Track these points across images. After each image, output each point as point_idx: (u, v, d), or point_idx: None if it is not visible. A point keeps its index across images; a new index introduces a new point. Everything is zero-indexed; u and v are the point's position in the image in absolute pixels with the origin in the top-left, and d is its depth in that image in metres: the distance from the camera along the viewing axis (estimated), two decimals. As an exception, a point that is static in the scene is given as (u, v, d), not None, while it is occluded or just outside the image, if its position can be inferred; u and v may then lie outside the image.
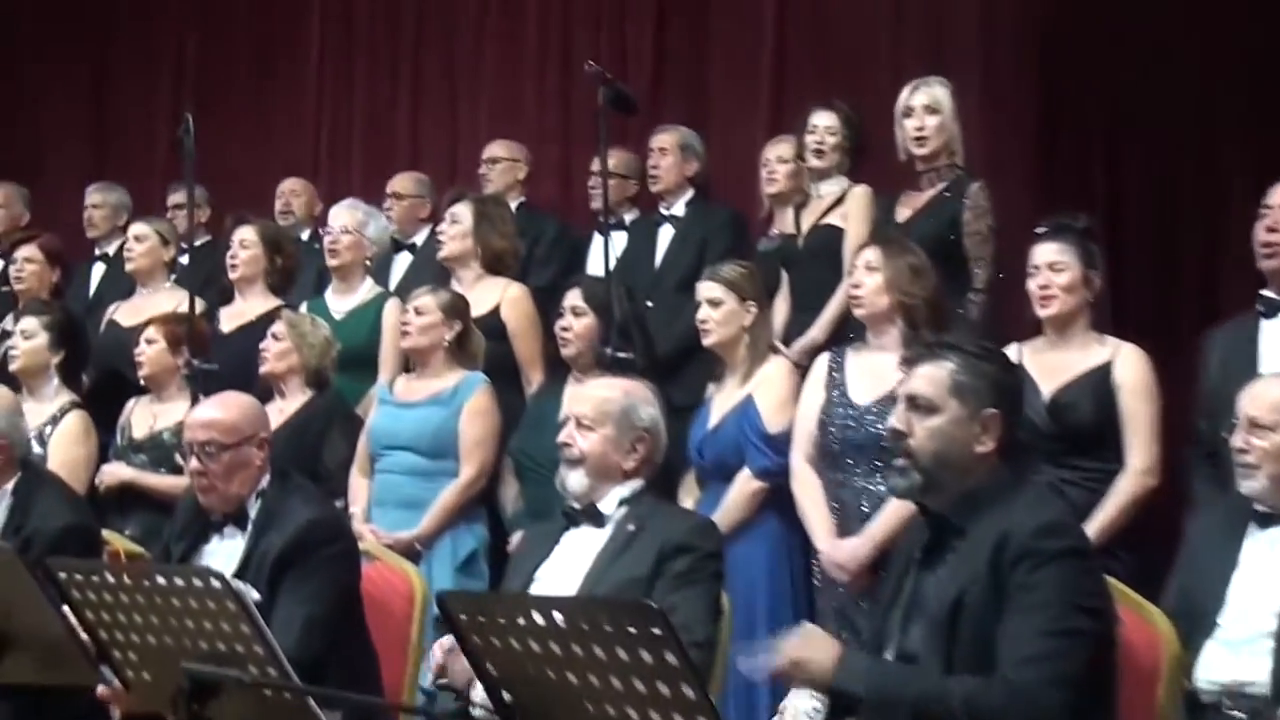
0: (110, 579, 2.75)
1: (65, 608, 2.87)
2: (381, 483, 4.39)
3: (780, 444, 4.00)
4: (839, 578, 3.79)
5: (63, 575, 2.80)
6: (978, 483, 2.64)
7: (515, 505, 4.41)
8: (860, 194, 4.74)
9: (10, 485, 3.74)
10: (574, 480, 3.17)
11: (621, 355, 4.08)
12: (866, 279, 3.93)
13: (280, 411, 4.35)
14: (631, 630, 1.98)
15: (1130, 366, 3.82)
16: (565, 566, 3.11)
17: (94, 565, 3.01)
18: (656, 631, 1.96)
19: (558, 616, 2.09)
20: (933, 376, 2.65)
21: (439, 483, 4.34)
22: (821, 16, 5.96)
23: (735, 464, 4.05)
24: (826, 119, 4.83)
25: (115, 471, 4.56)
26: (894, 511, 3.67)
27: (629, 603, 2.32)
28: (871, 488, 3.82)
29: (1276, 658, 2.94)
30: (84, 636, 2.89)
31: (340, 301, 4.97)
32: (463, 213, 4.84)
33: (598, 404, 3.21)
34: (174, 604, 2.66)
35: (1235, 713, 2.98)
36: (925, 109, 4.51)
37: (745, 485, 4.02)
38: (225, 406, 3.49)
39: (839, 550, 3.78)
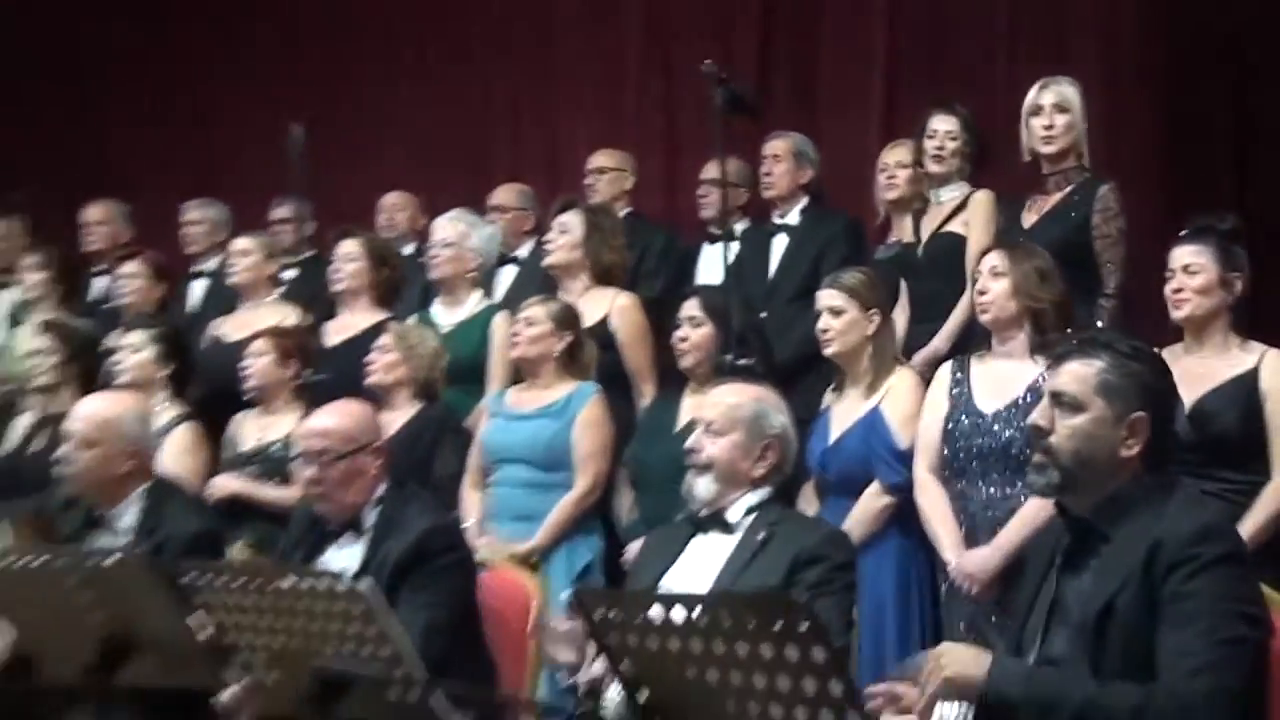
0: (239, 582, 2.85)
1: (194, 612, 2.97)
2: (494, 496, 4.45)
3: (912, 459, 4.01)
4: (967, 589, 3.80)
5: (192, 578, 2.91)
6: (1121, 487, 2.62)
7: (630, 516, 4.45)
8: (982, 199, 4.76)
9: (141, 490, 3.85)
10: (701, 486, 3.22)
11: (742, 362, 4.11)
12: (993, 284, 3.95)
13: (388, 424, 4.33)
14: (777, 626, 2.02)
15: (1277, 373, 3.80)
16: (692, 574, 3.15)
17: (223, 568, 3.09)
18: (804, 627, 2.01)
19: (699, 612, 2.13)
20: (1080, 374, 2.63)
21: (553, 495, 4.39)
22: (936, 14, 5.97)
23: (862, 478, 4.05)
24: (946, 123, 4.85)
25: (225, 483, 4.63)
26: (1024, 520, 3.70)
27: (776, 597, 2.35)
28: (999, 497, 3.83)
29: None
30: (211, 639, 2.99)
31: (448, 314, 5.03)
32: (573, 223, 4.90)
33: (728, 410, 3.25)
34: (302, 606, 2.76)
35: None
36: (1054, 107, 4.52)
37: (875, 500, 4.02)
38: (340, 414, 3.58)
39: (969, 561, 3.80)
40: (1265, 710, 2.57)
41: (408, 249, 5.85)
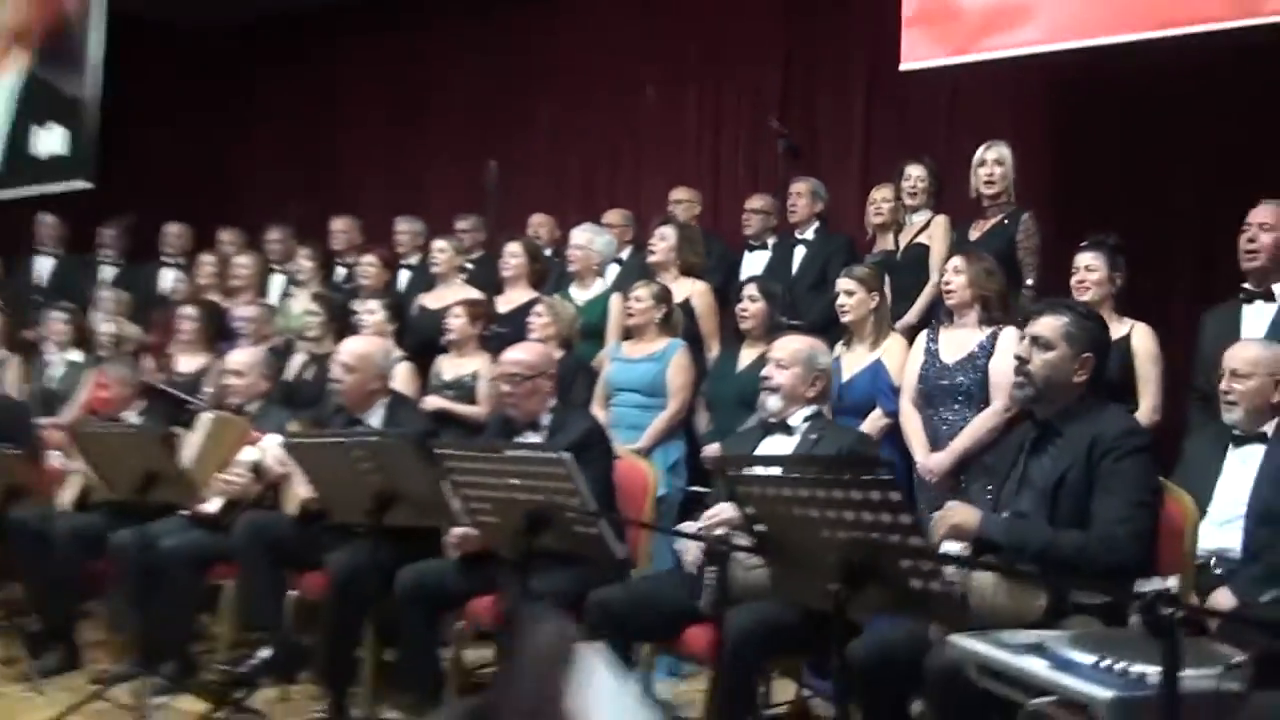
0: (471, 452, 2.92)
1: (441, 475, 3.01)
2: (615, 414, 4.43)
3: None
4: (930, 480, 3.81)
5: (440, 451, 2.97)
6: (1071, 402, 2.66)
7: (706, 428, 4.43)
8: (942, 221, 4.76)
9: (384, 401, 3.92)
10: (772, 402, 3.24)
11: (793, 323, 4.12)
12: (955, 278, 3.94)
13: (543, 366, 4.39)
14: (865, 476, 2.04)
15: (1142, 338, 3.84)
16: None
17: (464, 443, 3.13)
18: (884, 474, 2.02)
19: (807, 468, 2.16)
20: (1052, 324, 2.67)
21: (654, 413, 4.36)
22: (899, 95, 5.90)
23: (867, 406, 4.02)
24: (917, 170, 4.85)
25: (433, 402, 4.64)
26: (967, 435, 3.73)
27: (865, 456, 2.36)
28: (953, 419, 3.83)
29: (1244, 533, 2.91)
30: (448, 494, 3.04)
31: (580, 294, 5.01)
32: (669, 233, 4.87)
33: (791, 351, 3.28)
34: (517, 470, 2.80)
35: (1218, 570, 2.95)
36: (994, 161, 4.50)
37: (877, 421, 3.99)
38: (527, 351, 3.65)
39: (931, 461, 3.81)
40: (1156, 548, 2.61)
41: (548, 251, 5.85)
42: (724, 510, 2.85)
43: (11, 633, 4.48)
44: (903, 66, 4.86)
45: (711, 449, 4.16)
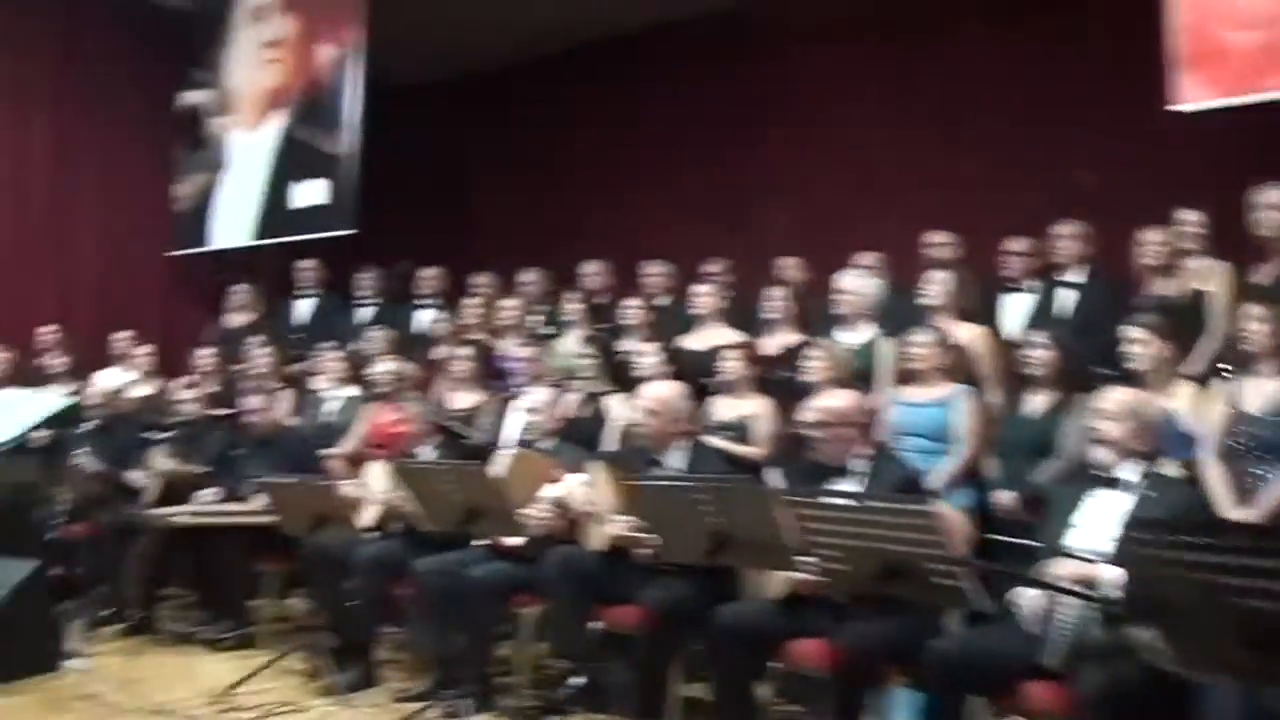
0: (819, 500, 3.03)
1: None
2: None
3: (1196, 442, 3.92)
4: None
5: (790, 499, 3.10)
6: None
7: (994, 474, 4.38)
8: (1225, 268, 4.68)
9: (684, 444, 4.12)
10: (1102, 455, 3.25)
11: (1106, 372, 4.08)
12: (1256, 325, 3.87)
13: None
14: None
15: None
16: (1097, 516, 3.16)
17: (805, 492, 3.24)
18: None
19: (1235, 536, 2.16)
20: None
21: (937, 458, 4.35)
22: (1152, 142, 5.76)
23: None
24: (1194, 215, 4.81)
25: (709, 442, 4.64)
26: (1275, 492, 3.62)
27: None
28: (1257, 473, 3.73)
29: None
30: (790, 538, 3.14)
31: (848, 338, 5.06)
32: (945, 279, 4.93)
33: (1119, 403, 3.27)
34: (871, 519, 2.87)
35: None
36: (1285, 206, 4.43)
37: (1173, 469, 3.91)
38: (837, 399, 3.76)
39: (1240, 516, 3.70)
40: None
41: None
42: (1080, 568, 2.88)
43: (314, 649, 4.85)
44: (1181, 108, 4.80)
45: (1005, 496, 4.18)
